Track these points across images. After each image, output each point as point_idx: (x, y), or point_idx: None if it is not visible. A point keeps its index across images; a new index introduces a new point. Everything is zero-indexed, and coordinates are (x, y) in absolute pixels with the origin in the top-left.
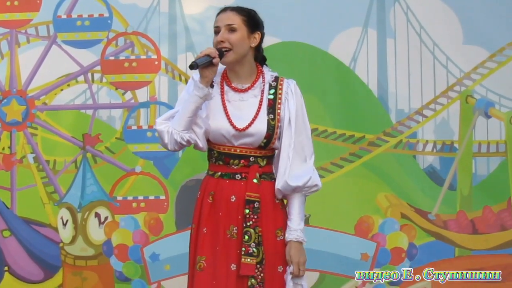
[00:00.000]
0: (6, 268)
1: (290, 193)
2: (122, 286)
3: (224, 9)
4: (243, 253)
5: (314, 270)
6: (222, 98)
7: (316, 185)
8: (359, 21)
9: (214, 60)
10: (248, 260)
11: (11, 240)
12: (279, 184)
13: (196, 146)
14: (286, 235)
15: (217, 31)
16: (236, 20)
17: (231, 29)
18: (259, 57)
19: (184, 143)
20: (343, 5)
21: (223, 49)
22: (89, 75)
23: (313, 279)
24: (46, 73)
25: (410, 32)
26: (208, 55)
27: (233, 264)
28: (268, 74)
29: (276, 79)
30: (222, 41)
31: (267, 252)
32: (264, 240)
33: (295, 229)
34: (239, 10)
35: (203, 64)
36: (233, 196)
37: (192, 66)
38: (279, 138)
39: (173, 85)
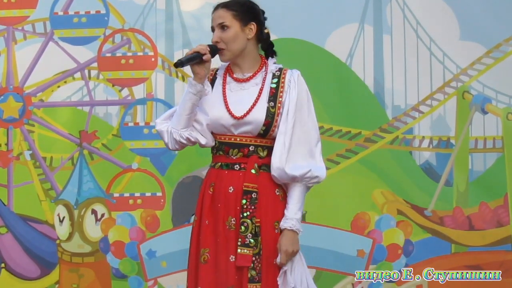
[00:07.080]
0: (2, 265)
1: (289, 181)
2: (119, 283)
3: (216, 7)
4: (239, 243)
5: (310, 267)
6: (224, 88)
7: (316, 176)
8: (355, 17)
9: (204, 57)
10: (245, 251)
11: (8, 237)
12: (275, 171)
13: (199, 144)
14: (281, 223)
15: (212, 30)
16: (226, 17)
17: (223, 27)
18: (265, 46)
19: (184, 141)
20: (340, 1)
21: (219, 49)
22: (86, 72)
23: None
24: (43, 70)
25: (407, 28)
26: (197, 52)
27: (232, 256)
28: (273, 65)
29: (280, 70)
30: (217, 41)
31: (264, 243)
32: (262, 232)
33: (291, 217)
34: (229, 5)
35: (188, 62)
36: (231, 187)
37: (177, 64)
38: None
39: (170, 82)
